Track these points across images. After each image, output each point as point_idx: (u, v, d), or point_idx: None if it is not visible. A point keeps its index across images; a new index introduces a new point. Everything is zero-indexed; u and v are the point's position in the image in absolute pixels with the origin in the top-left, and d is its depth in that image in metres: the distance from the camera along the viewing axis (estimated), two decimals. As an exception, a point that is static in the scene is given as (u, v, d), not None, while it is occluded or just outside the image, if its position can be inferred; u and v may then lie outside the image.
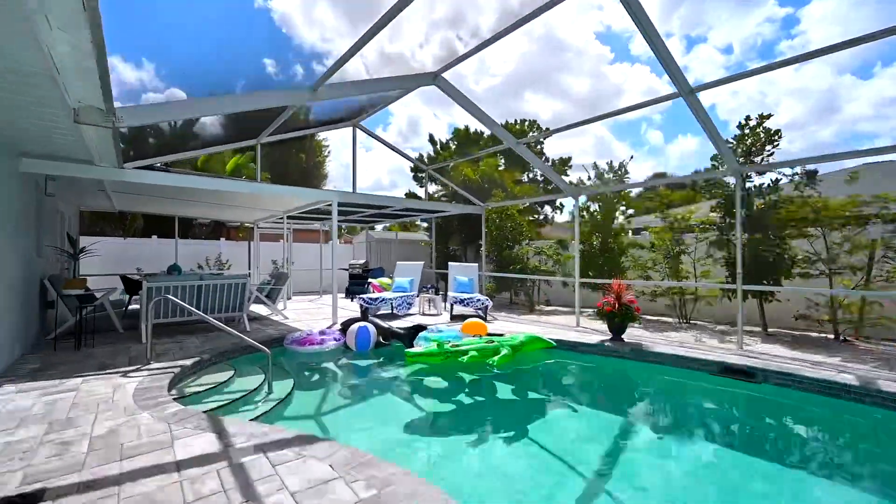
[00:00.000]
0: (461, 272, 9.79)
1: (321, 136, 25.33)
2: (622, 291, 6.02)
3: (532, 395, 4.99)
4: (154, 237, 13.92)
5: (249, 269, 13.91)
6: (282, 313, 8.39)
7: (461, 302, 8.23)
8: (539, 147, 23.95)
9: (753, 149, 7.14)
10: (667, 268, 8.66)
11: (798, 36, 43.90)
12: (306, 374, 5.53)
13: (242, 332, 5.97)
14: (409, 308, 8.99)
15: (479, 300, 8.15)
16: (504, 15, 5.11)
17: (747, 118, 7.35)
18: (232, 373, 4.93)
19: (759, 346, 5.92)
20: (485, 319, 8.27)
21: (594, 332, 6.93)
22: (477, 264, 10.01)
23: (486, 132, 23.85)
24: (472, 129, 23.18)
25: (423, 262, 10.12)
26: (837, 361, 5.11)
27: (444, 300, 9.61)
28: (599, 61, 46.01)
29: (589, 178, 10.66)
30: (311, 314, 9.04)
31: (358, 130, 8.35)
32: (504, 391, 5.05)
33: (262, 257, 14.28)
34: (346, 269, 14.37)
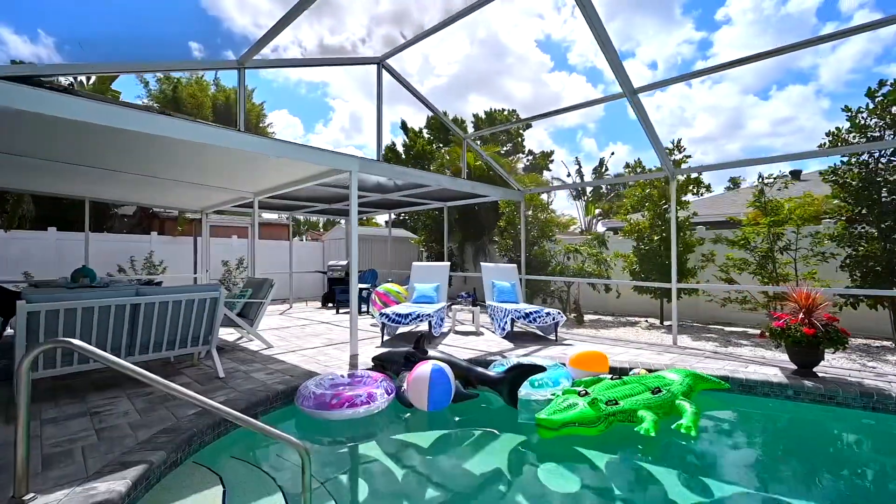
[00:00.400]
0: (500, 275, 7.55)
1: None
2: (814, 305, 4.14)
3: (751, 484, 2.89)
4: (52, 229, 10.15)
5: (196, 272, 10.61)
6: (263, 339, 5.63)
7: (525, 317, 5.99)
8: (520, 140, 22.40)
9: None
10: (758, 269, 7.06)
11: (711, 57, 47.96)
12: (366, 470, 3.03)
13: (208, 383, 3.33)
14: (442, 324, 6.59)
15: (548, 314, 5.96)
16: (447, 14, 5.15)
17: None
18: (218, 493, 2.34)
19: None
20: (556, 341, 6.11)
21: (742, 360, 5.04)
22: (515, 266, 7.83)
23: (469, 121, 21.83)
24: (451, 116, 21.02)
25: (448, 264, 7.75)
26: None
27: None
28: (540, 68, 47.05)
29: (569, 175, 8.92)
30: (301, 337, 6.34)
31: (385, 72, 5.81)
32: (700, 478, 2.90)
33: (213, 258, 11.04)
34: (325, 273, 11.54)
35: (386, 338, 6.06)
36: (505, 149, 20.46)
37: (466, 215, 13.04)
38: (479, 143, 17.62)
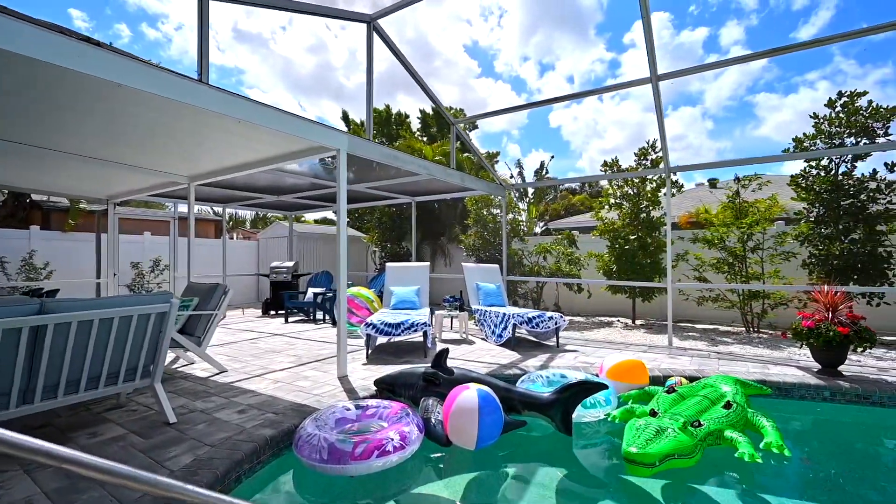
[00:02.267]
0: (484, 277, 6.94)
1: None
2: (838, 302, 4.09)
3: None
4: None
5: (99, 276, 8.53)
6: (215, 362, 4.38)
7: (528, 322, 5.42)
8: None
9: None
10: (727, 267, 7.27)
11: (620, 76, 53.39)
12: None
13: (155, 434, 2.28)
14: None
15: (550, 318, 5.46)
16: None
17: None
18: None
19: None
20: (558, 347, 5.64)
21: (760, 361, 4.94)
22: (497, 266, 7.27)
23: (414, 115, 21.00)
24: (395, 111, 20.13)
25: (427, 265, 6.95)
26: None
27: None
28: (468, 73, 48.51)
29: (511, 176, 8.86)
30: (259, 356, 5.13)
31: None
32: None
33: (121, 258, 9.00)
34: (267, 276, 10.02)
35: (369, 351, 5.11)
36: (456, 146, 19.97)
37: (424, 213, 12.27)
38: (468, 129, 17.06)
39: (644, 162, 7.91)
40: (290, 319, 8.45)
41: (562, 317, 5.54)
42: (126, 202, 10.96)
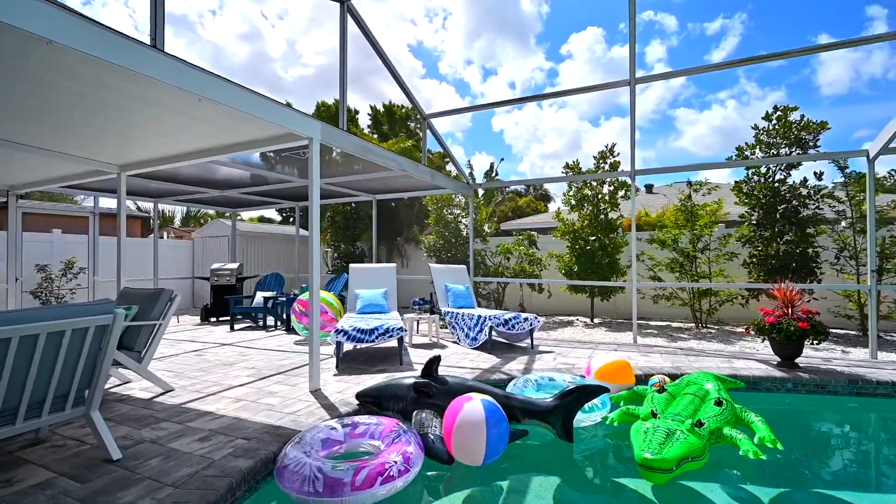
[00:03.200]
0: (453, 278, 6.74)
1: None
2: (795, 298, 4.39)
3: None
4: None
5: (-5, 282, 7.18)
6: (160, 381, 3.76)
7: (504, 323, 5.29)
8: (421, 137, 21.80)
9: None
10: (679, 267, 7.69)
11: (557, 85, 57.15)
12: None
13: (96, 475, 1.84)
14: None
15: (525, 320, 5.38)
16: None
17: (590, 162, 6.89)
18: None
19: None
20: (532, 348, 5.57)
21: (722, 356, 5.17)
22: (464, 267, 7.11)
23: (364, 111, 20.26)
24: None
25: (394, 266, 6.61)
26: None
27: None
28: (412, 73, 48.80)
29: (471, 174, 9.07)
30: (209, 370, 4.53)
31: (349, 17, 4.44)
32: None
33: (25, 260, 7.69)
34: (207, 279, 9.06)
35: (339, 359, 4.70)
36: (410, 143, 19.60)
37: (380, 212, 11.81)
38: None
39: (603, 165, 8.17)
40: (237, 327, 7.68)
41: (536, 318, 5.49)
42: (29, 194, 9.42)
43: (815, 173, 6.84)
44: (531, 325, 5.43)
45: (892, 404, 3.87)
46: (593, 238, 8.10)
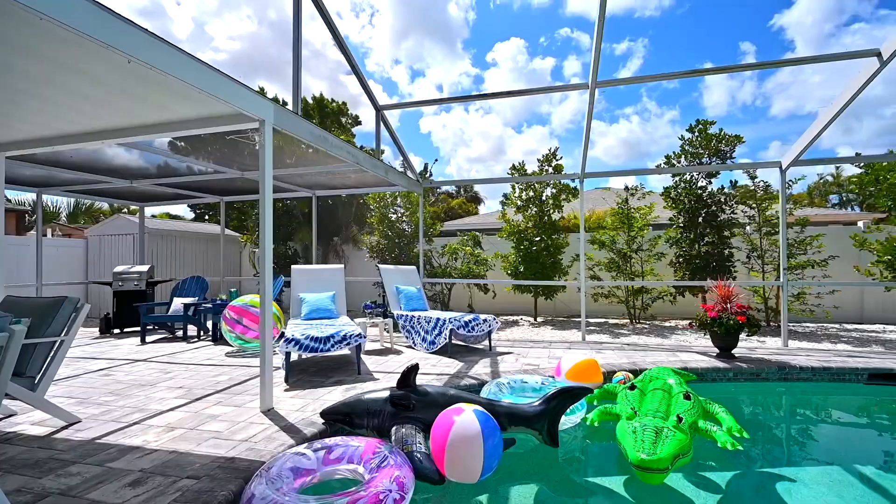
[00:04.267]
0: (404, 279, 6.45)
1: None
2: (731, 294, 4.79)
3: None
4: None
5: None
6: (61, 411, 3.01)
7: (465, 326, 5.12)
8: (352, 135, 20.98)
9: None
10: (616, 266, 8.17)
11: (483, 91, 59.93)
12: None
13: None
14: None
15: (484, 321, 5.28)
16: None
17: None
18: None
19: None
20: (490, 349, 5.49)
21: (665, 350, 5.47)
22: (415, 267, 6.86)
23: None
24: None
25: (342, 267, 6.14)
26: None
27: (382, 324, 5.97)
28: (338, 68, 47.80)
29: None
30: (123, 393, 3.77)
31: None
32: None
33: None
34: (108, 284, 7.73)
35: (285, 371, 4.18)
36: (343, 137, 18.72)
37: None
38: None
39: (547, 168, 8.40)
40: (149, 339, 6.64)
41: (495, 319, 5.41)
42: None
43: (731, 182, 7.67)
44: (490, 326, 5.34)
45: (812, 386, 4.37)
46: (538, 239, 8.29)
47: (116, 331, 7.46)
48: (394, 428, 2.75)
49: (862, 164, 8.05)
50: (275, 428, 2.90)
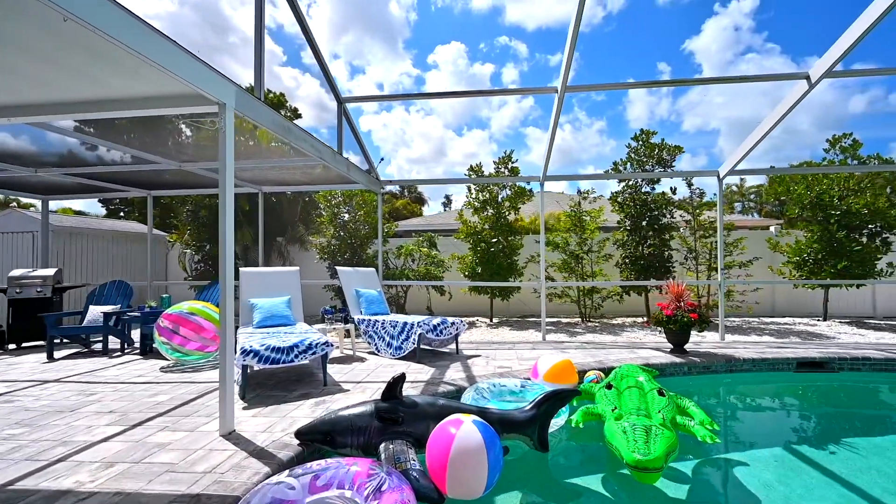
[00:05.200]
0: (364, 282, 6.14)
1: None
2: (683, 293, 5.10)
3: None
4: None
5: None
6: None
7: (433, 329, 4.95)
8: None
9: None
10: (568, 267, 8.46)
11: (423, 91, 60.85)
12: None
13: None
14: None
15: (452, 324, 5.15)
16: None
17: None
18: None
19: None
20: (458, 352, 5.37)
21: (622, 347, 5.69)
22: (374, 269, 6.56)
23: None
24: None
25: (297, 269, 5.68)
26: (790, 339, 6.12)
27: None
28: (272, 58, 46.15)
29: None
30: (37, 424, 3.14)
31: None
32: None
33: None
34: (3, 291, 6.52)
35: (241, 387, 3.74)
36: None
37: (255, 208, 10.28)
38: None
39: (503, 170, 8.49)
40: (58, 355, 5.70)
41: (461, 321, 5.31)
42: None
43: (671, 188, 8.26)
44: (457, 329, 5.22)
45: (752, 376, 4.77)
46: (495, 240, 8.34)
47: (12, 346, 6.33)
48: (382, 444, 2.52)
49: (769, 176, 9.07)
50: (242, 454, 2.54)
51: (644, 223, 8.12)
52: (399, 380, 2.79)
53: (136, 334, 6.75)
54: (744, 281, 8.08)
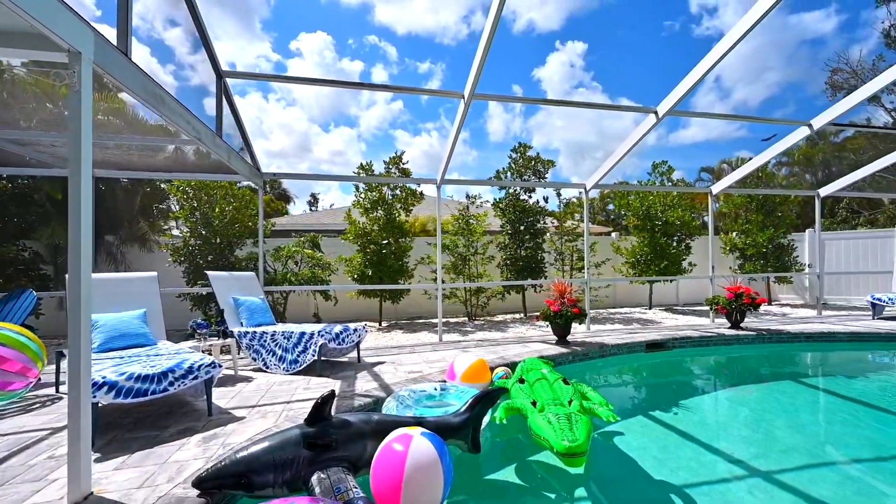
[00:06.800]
0: (242, 288, 5.33)
1: None
2: (565, 291, 5.71)
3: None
4: None
5: None
6: None
7: (336, 338, 4.51)
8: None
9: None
10: (456, 269, 8.75)
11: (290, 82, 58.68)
12: None
13: None
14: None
15: (354, 331, 4.80)
16: None
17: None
18: None
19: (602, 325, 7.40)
20: (359, 360, 5.04)
21: (514, 342, 6.04)
22: (253, 273, 5.75)
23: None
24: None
25: (155, 274, 4.59)
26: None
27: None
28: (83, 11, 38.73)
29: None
30: None
31: None
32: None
33: None
34: None
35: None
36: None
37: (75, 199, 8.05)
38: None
39: (393, 171, 8.35)
40: None
41: (364, 327, 5.00)
42: None
43: (543, 197, 9.22)
44: (360, 336, 4.90)
45: (618, 359, 5.60)
46: (385, 242, 8.14)
47: None
48: (314, 477, 2.17)
49: (610, 192, 10.87)
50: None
51: (522, 227, 8.92)
52: (329, 398, 2.44)
53: None
54: (605, 280, 9.48)
